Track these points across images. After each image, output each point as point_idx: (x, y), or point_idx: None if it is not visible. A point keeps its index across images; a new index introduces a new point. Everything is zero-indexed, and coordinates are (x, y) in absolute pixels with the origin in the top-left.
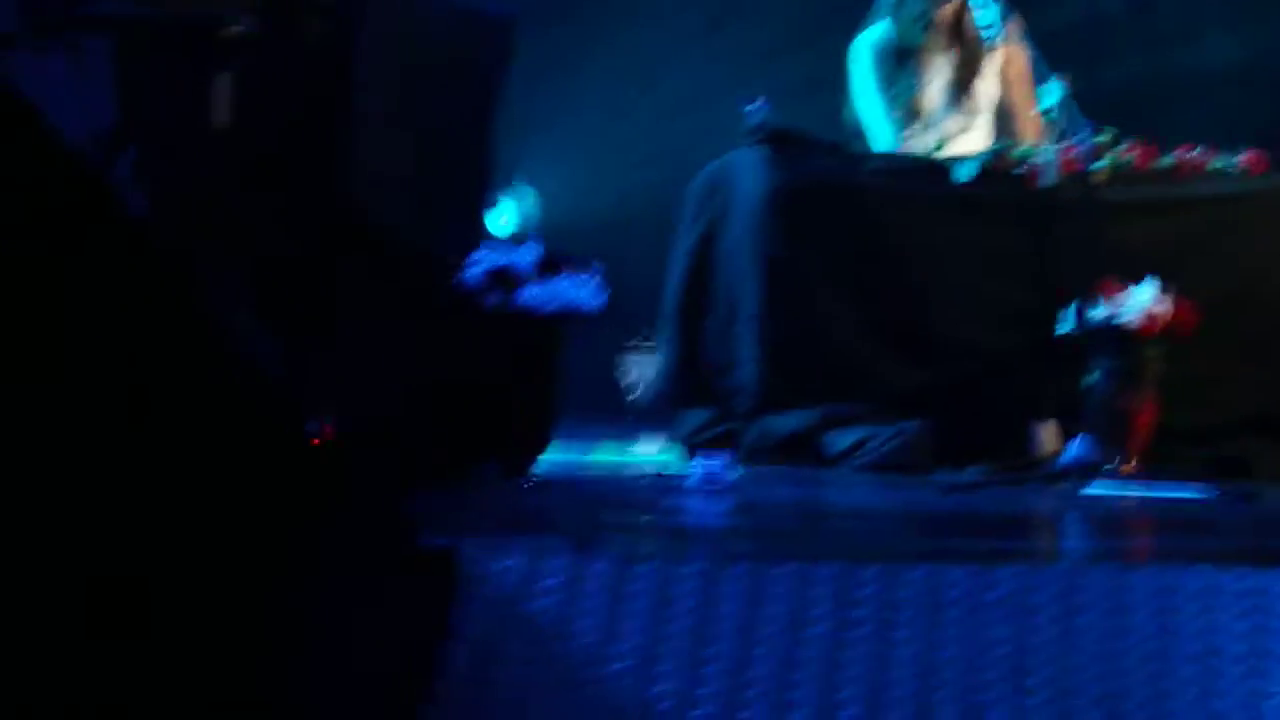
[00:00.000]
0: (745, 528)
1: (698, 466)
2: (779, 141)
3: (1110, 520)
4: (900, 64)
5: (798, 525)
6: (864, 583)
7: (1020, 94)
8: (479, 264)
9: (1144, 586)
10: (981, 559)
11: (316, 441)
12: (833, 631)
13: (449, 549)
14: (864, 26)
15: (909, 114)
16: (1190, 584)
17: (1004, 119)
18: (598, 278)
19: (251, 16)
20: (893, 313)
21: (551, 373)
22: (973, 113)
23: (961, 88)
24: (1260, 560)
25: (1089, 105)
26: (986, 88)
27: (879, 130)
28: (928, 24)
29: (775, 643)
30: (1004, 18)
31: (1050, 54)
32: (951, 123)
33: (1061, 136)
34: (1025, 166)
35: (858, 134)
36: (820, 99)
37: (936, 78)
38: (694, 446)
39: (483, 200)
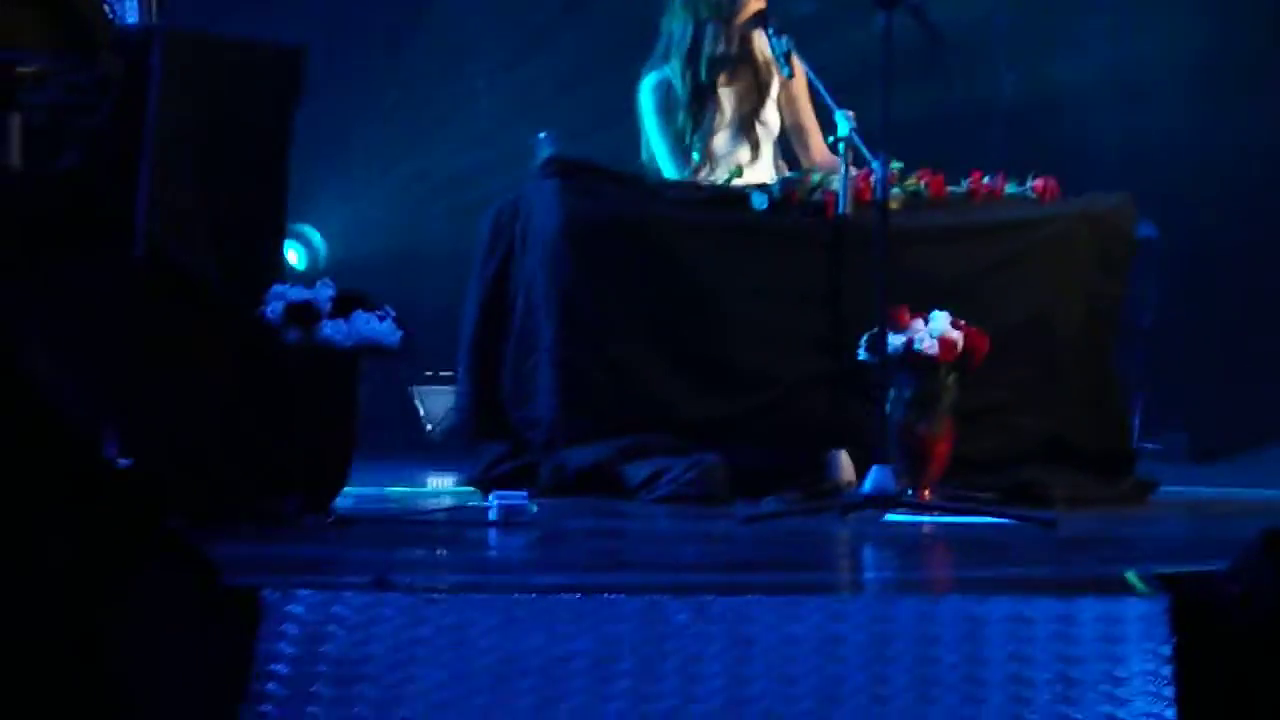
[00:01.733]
0: (545, 562)
1: (496, 500)
2: (572, 173)
3: (912, 550)
4: (689, 103)
5: (600, 559)
6: (670, 617)
7: (806, 120)
8: (277, 299)
9: (951, 616)
10: (787, 591)
11: (121, 477)
12: (639, 666)
13: (252, 589)
14: (649, 64)
15: (698, 150)
16: (996, 612)
17: (789, 147)
18: (393, 316)
19: (45, 55)
20: (689, 343)
21: (350, 408)
22: (759, 143)
23: (748, 119)
24: (1063, 588)
25: (874, 138)
26: (771, 118)
27: (669, 168)
28: (717, 62)
29: (581, 679)
30: (787, 49)
31: (835, 87)
32: (739, 154)
33: (849, 166)
34: (819, 195)
35: (653, 170)
36: (620, 128)
37: (724, 112)
38: (492, 480)
39: (279, 236)
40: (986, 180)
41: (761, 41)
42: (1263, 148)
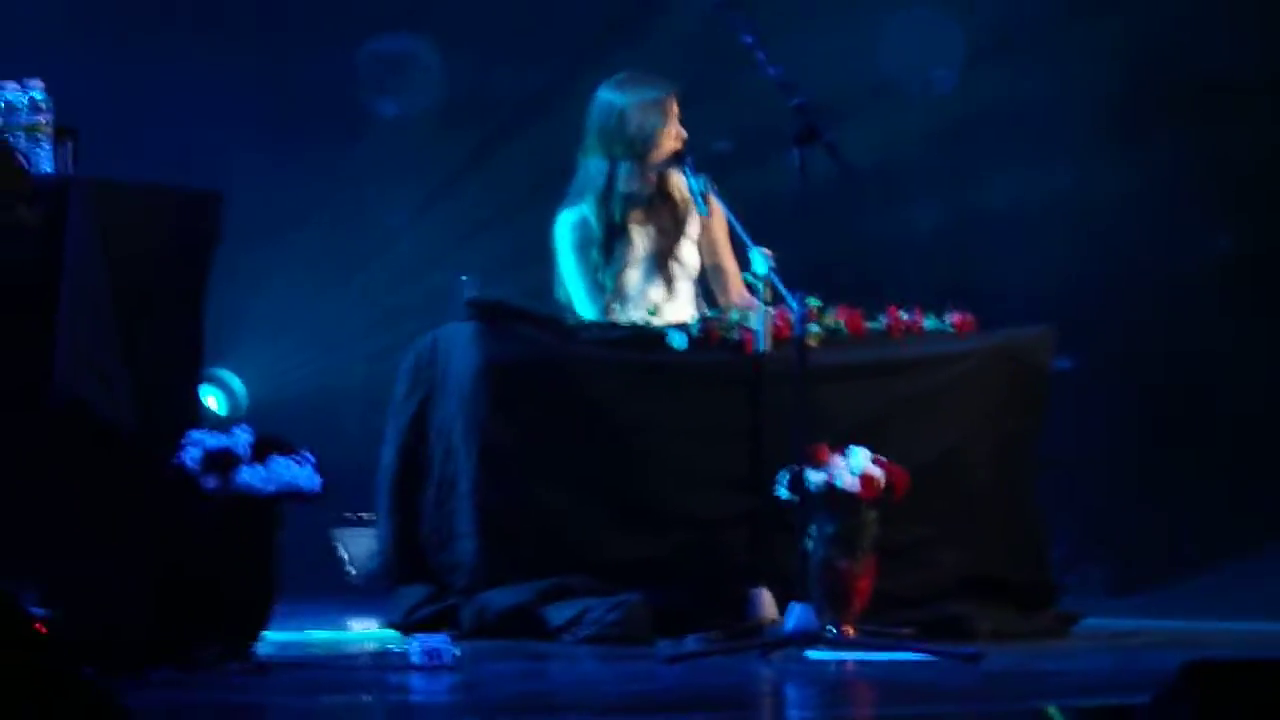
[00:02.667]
0: (469, 706)
1: (418, 643)
2: (491, 315)
3: (836, 688)
4: (603, 241)
5: (523, 702)
6: None
7: (724, 261)
8: (194, 446)
9: None
10: None
11: (39, 628)
12: None
13: None
14: (566, 200)
15: (613, 288)
16: None
17: (707, 287)
18: (312, 460)
19: None
20: (609, 483)
21: (269, 553)
22: (675, 281)
23: (664, 258)
24: None
25: (791, 274)
26: (688, 257)
27: (583, 306)
28: (631, 200)
29: None
30: (705, 188)
31: (752, 224)
32: (654, 292)
33: (767, 304)
34: (737, 333)
35: (569, 308)
36: (537, 267)
37: (639, 251)
38: (414, 623)
39: (195, 381)
40: (904, 316)
41: (679, 180)
42: (1178, 278)
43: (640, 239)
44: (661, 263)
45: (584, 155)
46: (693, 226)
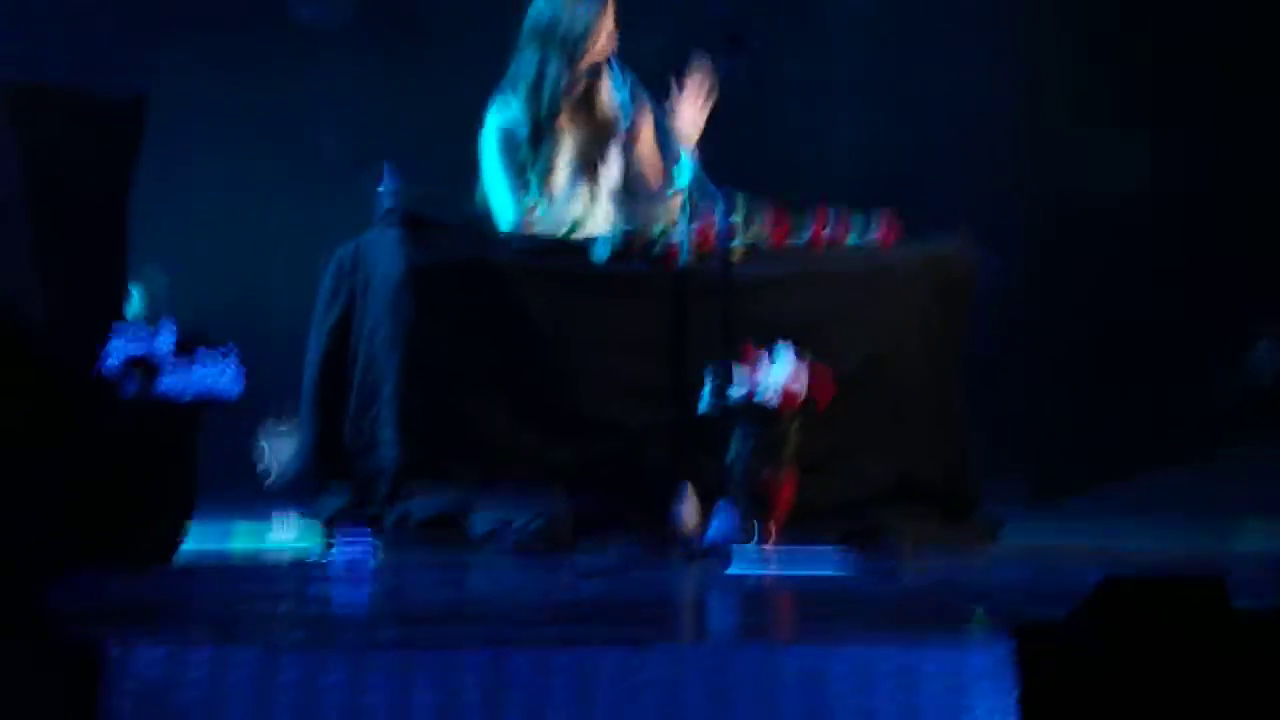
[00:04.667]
0: (390, 614)
1: (339, 551)
2: (414, 224)
3: (755, 598)
4: (530, 145)
5: (444, 612)
6: (513, 670)
7: (651, 170)
8: (115, 352)
9: (793, 666)
10: (630, 642)
11: None
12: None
13: (91, 641)
14: (497, 92)
15: (537, 194)
16: (839, 663)
17: (634, 196)
18: (234, 362)
19: None
20: (533, 391)
21: (189, 459)
22: (601, 191)
23: (590, 167)
24: (906, 638)
25: (718, 172)
26: (612, 167)
27: (504, 210)
28: (560, 104)
29: None
30: (634, 96)
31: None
32: (578, 198)
33: (695, 212)
34: (661, 245)
35: (486, 214)
36: (465, 176)
37: (565, 157)
38: (334, 530)
39: (118, 284)
40: (828, 229)
41: (608, 89)
42: (1101, 186)
43: (566, 141)
44: (586, 169)
45: (518, 51)
46: (621, 136)
